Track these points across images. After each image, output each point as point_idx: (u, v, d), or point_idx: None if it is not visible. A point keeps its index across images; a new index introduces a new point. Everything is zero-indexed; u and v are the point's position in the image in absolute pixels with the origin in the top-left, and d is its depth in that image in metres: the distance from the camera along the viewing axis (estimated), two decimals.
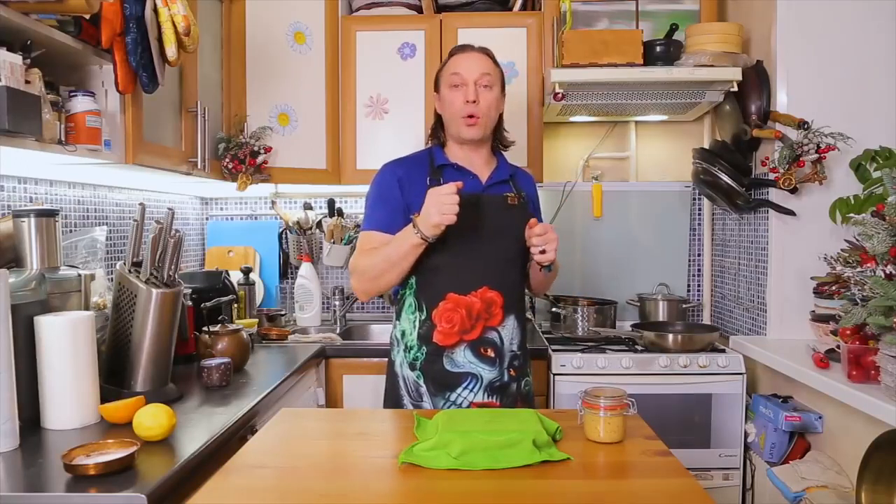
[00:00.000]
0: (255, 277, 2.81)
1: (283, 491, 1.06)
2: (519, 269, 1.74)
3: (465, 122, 1.67)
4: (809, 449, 1.97)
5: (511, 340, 1.67)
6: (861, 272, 1.67)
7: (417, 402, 1.67)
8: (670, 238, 2.84)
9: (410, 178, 1.69)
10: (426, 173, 1.70)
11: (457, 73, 1.68)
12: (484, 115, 1.67)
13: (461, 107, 1.67)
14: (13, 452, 1.23)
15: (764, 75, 2.23)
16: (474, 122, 1.67)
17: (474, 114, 1.66)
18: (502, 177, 1.75)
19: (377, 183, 1.73)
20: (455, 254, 1.63)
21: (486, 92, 1.67)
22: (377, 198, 1.72)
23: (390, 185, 1.69)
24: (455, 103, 1.68)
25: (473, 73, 1.67)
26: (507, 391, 1.67)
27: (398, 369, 1.71)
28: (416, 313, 1.68)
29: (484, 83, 1.67)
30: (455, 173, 1.71)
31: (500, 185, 1.73)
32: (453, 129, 1.71)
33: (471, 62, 1.68)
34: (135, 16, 1.54)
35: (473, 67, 1.67)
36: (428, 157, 1.75)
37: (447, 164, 1.72)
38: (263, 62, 2.49)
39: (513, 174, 1.78)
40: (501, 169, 1.76)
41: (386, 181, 1.71)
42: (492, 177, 1.73)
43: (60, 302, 1.48)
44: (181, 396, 1.63)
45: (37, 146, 1.40)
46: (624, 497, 1.05)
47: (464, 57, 1.70)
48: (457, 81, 1.67)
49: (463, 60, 1.69)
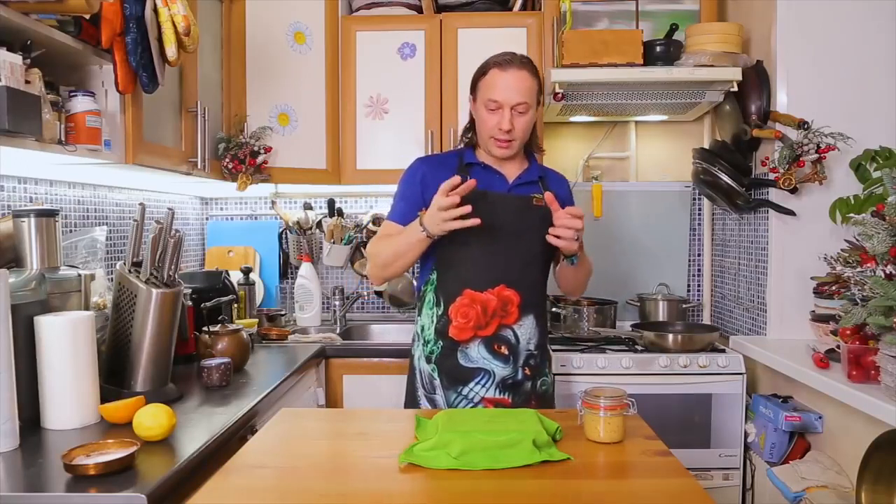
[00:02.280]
0: (255, 277, 2.81)
1: (283, 491, 1.06)
2: (540, 269, 1.75)
3: (496, 143, 1.67)
4: (809, 449, 1.97)
5: (528, 340, 1.68)
6: (861, 272, 1.67)
7: (431, 394, 1.69)
8: (670, 238, 2.84)
9: (435, 175, 1.69)
10: (453, 171, 1.69)
11: (493, 98, 1.63)
12: (517, 139, 1.67)
13: (495, 129, 1.65)
14: (13, 452, 1.23)
15: (764, 75, 2.23)
16: (507, 146, 1.67)
17: (507, 139, 1.66)
18: (531, 178, 1.75)
19: (403, 177, 1.78)
20: (475, 251, 1.66)
21: (520, 117, 1.65)
22: (400, 191, 1.76)
23: (412, 181, 1.73)
24: (489, 124, 1.66)
25: (510, 101, 1.62)
26: (521, 389, 1.69)
27: (416, 363, 1.74)
28: (434, 308, 1.70)
29: (520, 110, 1.64)
30: (482, 172, 1.72)
31: (528, 186, 1.74)
32: (485, 144, 1.72)
33: (509, 86, 1.62)
34: (135, 16, 1.54)
35: (511, 95, 1.62)
36: (458, 156, 1.77)
37: (475, 163, 1.74)
38: (263, 62, 2.49)
39: (543, 175, 1.78)
40: (532, 170, 1.77)
41: (410, 177, 1.75)
42: (520, 177, 1.74)
43: (60, 302, 1.48)
44: (181, 396, 1.63)
45: (37, 146, 1.40)
46: (624, 497, 1.05)
47: (503, 77, 1.63)
48: (493, 107, 1.64)
49: (501, 82, 1.63)
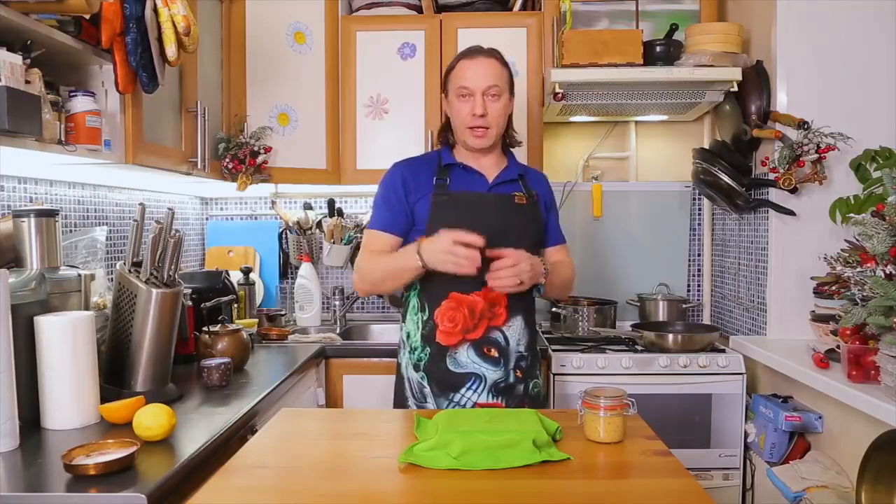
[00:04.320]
0: (255, 277, 2.81)
1: (283, 491, 1.06)
2: None
3: (472, 132, 1.67)
4: (809, 449, 1.97)
5: (518, 341, 1.66)
6: (861, 272, 1.67)
7: (421, 403, 1.66)
8: (670, 238, 2.84)
9: (416, 178, 1.69)
10: (433, 173, 1.70)
11: (464, 85, 1.65)
12: (492, 126, 1.67)
13: (469, 117, 1.65)
14: (13, 452, 1.23)
15: (764, 75, 2.23)
16: (482, 134, 1.67)
17: (482, 125, 1.65)
18: (511, 176, 1.74)
19: (383, 183, 1.74)
20: None
21: (493, 102, 1.65)
22: (381, 198, 1.72)
23: (394, 185, 1.70)
24: (462, 112, 1.66)
25: (481, 85, 1.64)
26: (513, 392, 1.67)
27: (404, 371, 1.71)
28: (419, 314, 1.67)
29: (492, 94, 1.64)
30: (462, 172, 1.71)
31: (508, 185, 1.73)
32: (461, 136, 1.70)
33: (478, 72, 1.64)
34: (135, 16, 1.54)
35: (481, 78, 1.64)
36: (437, 157, 1.75)
37: (454, 163, 1.72)
38: (263, 62, 2.49)
39: (523, 173, 1.78)
40: (511, 168, 1.76)
41: (390, 181, 1.72)
42: (499, 176, 1.73)
43: (60, 302, 1.48)
44: (181, 396, 1.63)
45: (37, 146, 1.40)
46: (624, 497, 1.05)
47: (471, 65, 1.66)
48: (464, 93, 1.65)
49: (470, 69, 1.65)
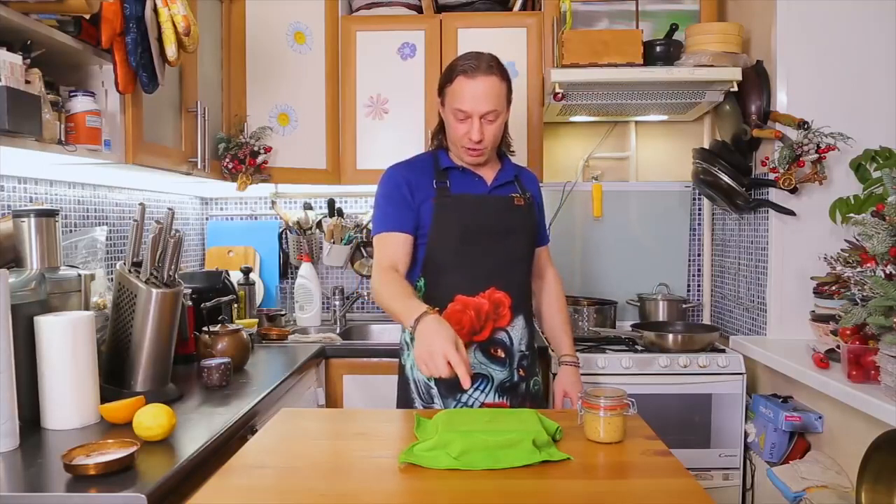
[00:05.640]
0: (255, 277, 2.81)
1: (283, 491, 1.06)
2: (526, 269, 1.74)
3: (467, 152, 1.65)
4: (809, 449, 1.97)
5: (520, 340, 1.68)
6: (861, 272, 1.67)
7: (428, 403, 1.66)
8: (670, 238, 2.84)
9: (418, 181, 1.67)
10: (432, 176, 1.69)
11: (461, 108, 1.59)
12: (488, 146, 1.64)
13: (465, 138, 1.62)
14: (13, 452, 1.23)
15: (764, 75, 2.23)
16: (478, 154, 1.65)
17: (478, 147, 1.63)
18: (507, 178, 1.74)
19: (385, 184, 1.70)
20: (463, 255, 1.63)
21: (490, 125, 1.61)
22: (386, 198, 1.68)
23: (398, 185, 1.66)
24: (458, 132, 1.62)
25: (479, 110, 1.58)
26: (517, 391, 1.68)
27: (409, 373, 1.70)
28: None
29: (489, 119, 1.60)
30: (461, 175, 1.70)
31: (506, 186, 1.73)
32: (455, 149, 1.69)
33: (476, 96, 1.57)
34: (135, 16, 1.54)
35: (479, 104, 1.57)
36: (432, 159, 1.73)
37: (453, 167, 1.71)
38: (263, 62, 2.49)
39: (517, 174, 1.78)
40: (506, 170, 1.76)
41: (394, 181, 1.68)
42: (497, 178, 1.73)
43: (60, 302, 1.48)
44: (181, 396, 1.63)
45: (37, 146, 1.40)
46: (624, 497, 1.05)
47: (470, 86, 1.57)
48: (461, 116, 1.60)
49: (468, 91, 1.57)
